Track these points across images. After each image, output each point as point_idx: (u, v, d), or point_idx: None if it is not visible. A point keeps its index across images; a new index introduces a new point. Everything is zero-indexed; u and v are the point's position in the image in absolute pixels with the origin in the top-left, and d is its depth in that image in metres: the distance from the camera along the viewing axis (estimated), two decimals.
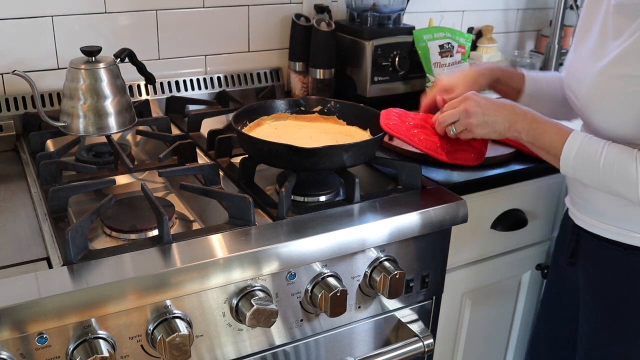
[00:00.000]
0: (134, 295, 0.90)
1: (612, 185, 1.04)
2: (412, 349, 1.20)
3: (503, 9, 2.16)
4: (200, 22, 1.64)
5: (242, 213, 1.06)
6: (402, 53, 1.64)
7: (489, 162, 1.35)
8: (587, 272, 1.23)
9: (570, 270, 1.28)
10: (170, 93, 1.63)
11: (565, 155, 1.08)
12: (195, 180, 1.24)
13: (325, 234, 1.04)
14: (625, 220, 1.12)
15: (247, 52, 1.74)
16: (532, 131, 1.12)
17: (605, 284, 1.19)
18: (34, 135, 1.35)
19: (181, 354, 0.92)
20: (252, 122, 1.30)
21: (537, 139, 1.12)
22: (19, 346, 0.85)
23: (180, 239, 1.00)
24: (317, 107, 1.39)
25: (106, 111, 1.28)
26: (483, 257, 1.43)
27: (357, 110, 1.37)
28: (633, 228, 1.12)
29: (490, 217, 1.38)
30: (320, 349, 1.15)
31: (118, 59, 1.33)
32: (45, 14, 1.45)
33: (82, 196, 1.20)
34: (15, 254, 0.97)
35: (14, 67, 1.35)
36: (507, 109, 1.15)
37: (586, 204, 1.19)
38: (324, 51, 1.66)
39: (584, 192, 1.18)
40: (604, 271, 1.19)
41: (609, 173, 1.03)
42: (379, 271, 1.11)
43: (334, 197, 1.20)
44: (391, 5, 1.67)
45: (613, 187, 1.04)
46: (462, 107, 1.18)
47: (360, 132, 1.33)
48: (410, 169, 1.22)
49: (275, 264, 1.00)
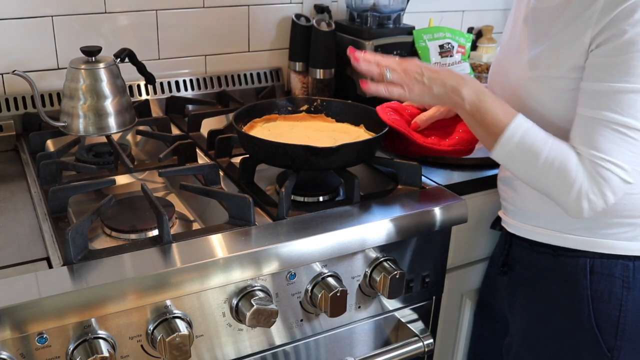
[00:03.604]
0: (134, 295, 0.90)
1: (546, 183, 0.99)
2: (412, 349, 1.20)
3: (503, 9, 2.16)
4: (200, 22, 1.64)
5: (242, 213, 1.06)
6: (402, 53, 1.64)
7: (489, 162, 1.35)
8: (519, 279, 1.22)
9: (501, 282, 1.28)
10: (170, 93, 1.63)
11: (505, 139, 1.00)
12: (195, 180, 1.24)
13: (325, 234, 1.04)
14: (555, 222, 1.11)
15: (247, 52, 1.74)
16: (477, 102, 1.03)
17: (535, 289, 1.19)
18: (34, 135, 1.35)
19: (181, 354, 0.92)
20: (246, 125, 1.31)
21: (480, 113, 1.03)
22: (19, 346, 0.85)
23: (180, 239, 1.00)
24: (303, 107, 1.39)
25: (106, 111, 1.28)
26: (483, 257, 1.43)
27: (345, 107, 1.37)
28: (562, 229, 1.11)
29: (490, 217, 1.38)
30: (320, 349, 1.15)
31: (118, 59, 1.33)
32: (45, 14, 1.45)
33: (82, 196, 1.21)
34: (15, 254, 0.97)
35: (14, 67, 1.35)
36: (452, 72, 1.07)
37: (517, 210, 1.18)
38: (324, 51, 1.66)
39: (515, 198, 1.17)
40: (534, 276, 1.18)
41: (547, 170, 0.98)
42: (379, 271, 1.11)
43: (334, 197, 1.20)
44: (391, 5, 1.67)
45: (546, 185, 0.99)
46: (403, 64, 1.10)
47: (354, 129, 1.34)
48: (410, 168, 1.22)
49: (275, 264, 1.00)
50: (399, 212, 1.12)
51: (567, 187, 0.97)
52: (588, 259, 1.09)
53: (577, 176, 0.96)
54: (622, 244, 1.07)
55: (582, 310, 1.10)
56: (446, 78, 1.06)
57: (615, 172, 0.95)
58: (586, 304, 1.10)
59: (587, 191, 0.96)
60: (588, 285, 1.09)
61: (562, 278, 1.13)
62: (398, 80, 1.08)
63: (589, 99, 0.97)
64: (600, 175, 0.95)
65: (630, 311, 1.08)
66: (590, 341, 1.11)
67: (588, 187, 0.96)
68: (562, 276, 1.13)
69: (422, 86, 1.07)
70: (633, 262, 1.07)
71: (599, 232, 1.08)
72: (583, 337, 1.12)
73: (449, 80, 1.05)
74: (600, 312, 1.09)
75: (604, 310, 1.09)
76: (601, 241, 1.08)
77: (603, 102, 0.95)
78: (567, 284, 1.12)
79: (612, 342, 1.09)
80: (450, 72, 1.08)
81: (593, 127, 0.96)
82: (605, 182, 0.95)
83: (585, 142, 0.97)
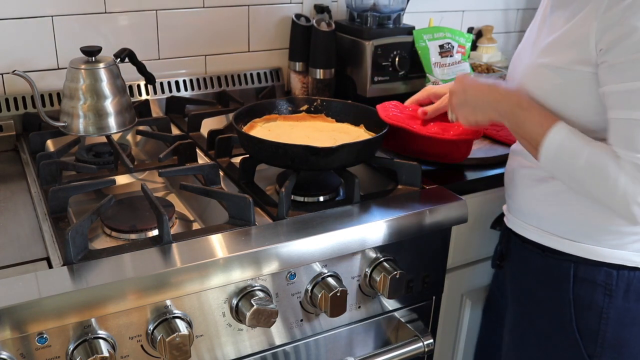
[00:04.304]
0: (134, 295, 0.90)
1: (593, 191, 0.97)
2: (412, 349, 1.20)
3: (503, 9, 2.16)
4: (200, 22, 1.64)
5: (242, 213, 1.06)
6: (402, 53, 1.64)
7: (489, 162, 1.35)
8: (512, 274, 1.23)
9: (501, 275, 1.28)
10: (170, 93, 1.63)
11: (545, 150, 0.98)
12: (195, 180, 1.24)
13: (325, 234, 1.04)
14: (545, 220, 1.10)
15: (247, 52, 1.74)
16: (514, 117, 1.03)
17: (524, 287, 1.19)
18: (34, 135, 1.35)
19: (181, 354, 0.92)
20: (246, 125, 1.31)
21: (519, 127, 1.03)
22: (19, 346, 0.85)
23: (180, 239, 1.00)
24: (303, 107, 1.39)
25: (106, 111, 1.28)
26: (483, 257, 1.43)
27: (345, 107, 1.37)
28: (551, 229, 1.10)
29: (490, 217, 1.38)
30: (320, 349, 1.15)
31: (118, 59, 1.33)
32: (45, 14, 1.44)
33: (82, 196, 1.21)
34: (15, 254, 0.97)
35: (14, 67, 1.35)
36: (490, 89, 1.07)
37: (513, 204, 1.18)
38: (324, 51, 1.66)
39: (513, 194, 1.17)
40: (523, 273, 1.18)
41: (589, 177, 0.96)
42: (379, 271, 1.11)
43: (334, 197, 1.20)
44: (391, 5, 1.67)
45: (594, 193, 0.97)
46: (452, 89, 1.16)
47: (354, 129, 1.34)
48: (410, 168, 1.22)
49: (275, 264, 1.00)
50: (399, 212, 1.12)
51: (610, 193, 0.94)
52: (573, 263, 1.08)
53: (619, 181, 0.92)
54: (607, 251, 1.05)
55: (564, 314, 1.10)
56: (485, 96, 1.08)
57: None
58: (568, 308, 1.09)
59: (634, 195, 0.92)
60: (571, 289, 1.08)
61: (548, 280, 1.12)
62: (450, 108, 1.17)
63: (620, 100, 0.93)
64: None
65: (612, 319, 1.06)
66: (570, 345, 1.10)
67: (633, 191, 0.92)
68: (548, 278, 1.12)
69: (466, 108, 1.12)
70: (617, 271, 1.05)
71: (584, 237, 1.06)
72: (564, 341, 1.11)
73: (488, 98, 1.08)
74: (581, 318, 1.08)
75: (585, 316, 1.08)
76: (586, 246, 1.06)
77: (635, 102, 0.91)
78: (552, 286, 1.11)
79: (593, 348, 1.08)
80: (487, 88, 1.09)
81: (630, 129, 0.92)
82: None
83: (624, 145, 0.93)
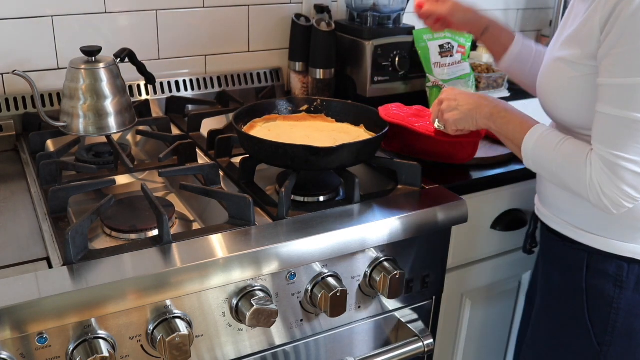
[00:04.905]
0: (134, 295, 0.90)
1: (568, 182, 1.02)
2: (412, 349, 1.20)
3: (503, 9, 2.16)
4: (200, 22, 1.64)
5: (242, 213, 1.06)
6: (402, 53, 1.64)
7: (489, 162, 1.35)
8: (539, 263, 1.27)
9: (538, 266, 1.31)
10: (170, 93, 1.63)
11: (524, 147, 1.06)
12: (195, 180, 1.24)
13: (325, 234, 1.04)
14: (564, 211, 1.13)
15: (247, 52, 1.74)
16: (499, 119, 1.11)
17: (546, 274, 1.22)
18: (34, 135, 1.35)
19: (181, 354, 0.92)
20: (246, 125, 1.31)
21: (503, 128, 1.11)
22: (19, 346, 0.85)
23: (180, 239, 1.00)
24: (303, 107, 1.39)
25: (106, 111, 1.28)
26: (483, 257, 1.43)
27: (345, 107, 1.37)
28: (569, 219, 1.13)
29: (490, 217, 1.38)
30: (320, 349, 1.15)
31: (118, 59, 1.33)
32: (45, 14, 1.45)
33: (82, 196, 1.20)
34: (15, 254, 0.97)
35: (14, 67, 1.35)
36: (476, 95, 1.17)
37: (540, 191, 1.21)
38: (324, 51, 1.66)
39: (539, 181, 1.21)
40: (546, 262, 1.22)
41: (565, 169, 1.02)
42: (379, 271, 1.11)
43: (334, 197, 1.20)
44: (391, 5, 1.67)
45: (569, 184, 1.02)
46: (437, 99, 1.21)
47: (354, 129, 1.34)
48: (410, 168, 1.22)
49: (275, 264, 1.00)
50: (399, 212, 1.12)
51: (583, 186, 0.99)
52: (587, 254, 1.11)
53: (587, 173, 0.98)
54: (618, 244, 1.08)
55: (577, 302, 1.13)
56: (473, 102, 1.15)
57: (628, 167, 0.94)
58: (581, 296, 1.12)
59: (602, 187, 0.96)
60: (584, 278, 1.11)
61: (564, 268, 1.15)
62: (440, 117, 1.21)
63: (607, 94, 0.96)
64: (612, 172, 0.95)
65: (622, 310, 1.09)
66: (582, 333, 1.13)
67: (601, 183, 0.96)
68: (564, 266, 1.15)
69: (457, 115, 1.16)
70: (628, 264, 1.07)
71: (598, 229, 1.09)
72: (576, 329, 1.14)
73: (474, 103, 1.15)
74: (592, 307, 1.11)
75: (596, 305, 1.11)
76: (598, 238, 1.09)
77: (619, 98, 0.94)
78: (568, 275, 1.15)
79: (602, 337, 1.11)
80: (473, 95, 1.16)
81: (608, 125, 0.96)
82: (618, 178, 0.95)
83: (600, 139, 0.97)
